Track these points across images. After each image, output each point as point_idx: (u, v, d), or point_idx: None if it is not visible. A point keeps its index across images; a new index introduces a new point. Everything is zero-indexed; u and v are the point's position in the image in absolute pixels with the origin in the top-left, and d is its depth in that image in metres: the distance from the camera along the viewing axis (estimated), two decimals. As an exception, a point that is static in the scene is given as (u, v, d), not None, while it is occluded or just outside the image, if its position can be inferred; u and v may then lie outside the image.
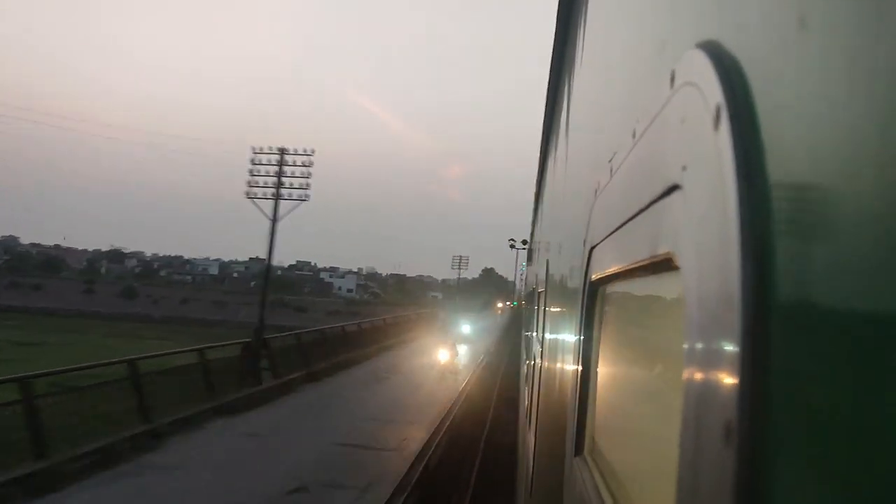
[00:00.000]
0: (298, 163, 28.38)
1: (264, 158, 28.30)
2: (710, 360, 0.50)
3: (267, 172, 27.99)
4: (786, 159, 0.44)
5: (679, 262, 0.61)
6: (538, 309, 5.29)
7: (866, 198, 0.34)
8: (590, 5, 2.32)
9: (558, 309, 2.75)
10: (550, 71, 4.67)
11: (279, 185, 27.48)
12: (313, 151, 28.47)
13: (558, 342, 2.53)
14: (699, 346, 0.53)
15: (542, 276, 4.66)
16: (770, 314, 0.43)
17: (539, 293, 5.19)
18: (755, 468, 0.42)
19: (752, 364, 0.43)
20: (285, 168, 28.11)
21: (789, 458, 0.40)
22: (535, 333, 5.71)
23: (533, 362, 5.45)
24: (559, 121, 4.30)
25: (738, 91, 0.51)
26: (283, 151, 28.15)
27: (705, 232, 0.54)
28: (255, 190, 27.75)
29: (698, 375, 0.53)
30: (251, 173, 27.76)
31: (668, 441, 0.61)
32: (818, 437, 0.37)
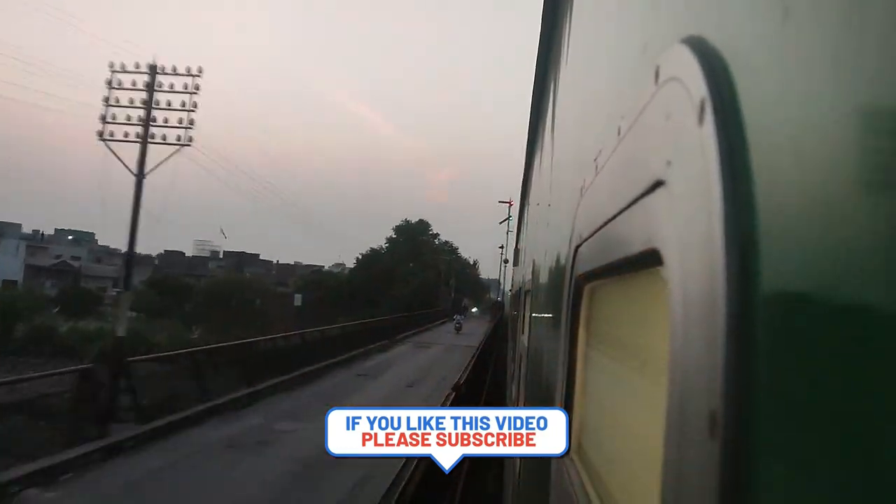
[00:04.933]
0: (178, 87, 17.71)
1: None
2: (695, 355, 0.50)
3: (131, 102, 17.28)
4: (770, 153, 0.44)
5: (664, 257, 0.61)
6: (524, 307, 5.31)
7: (851, 192, 0.34)
8: (575, 3, 2.32)
9: (544, 308, 2.76)
10: (536, 69, 4.67)
11: (148, 119, 17.25)
12: (200, 71, 18.06)
13: (544, 341, 2.53)
14: (684, 341, 0.53)
15: (529, 275, 4.67)
16: (754, 308, 0.43)
17: (526, 292, 5.21)
18: (740, 461, 0.42)
19: (737, 358, 0.43)
20: (160, 97, 17.50)
21: (774, 450, 0.40)
22: (521, 332, 5.72)
23: (519, 360, 5.46)
24: (545, 119, 4.31)
25: (722, 85, 0.51)
26: (155, 70, 17.78)
27: (690, 227, 0.54)
28: (113, 129, 16.89)
29: (683, 370, 0.53)
30: (107, 102, 17.51)
31: (655, 437, 0.61)
32: (803, 429, 0.37)
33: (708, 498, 0.44)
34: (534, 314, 3.74)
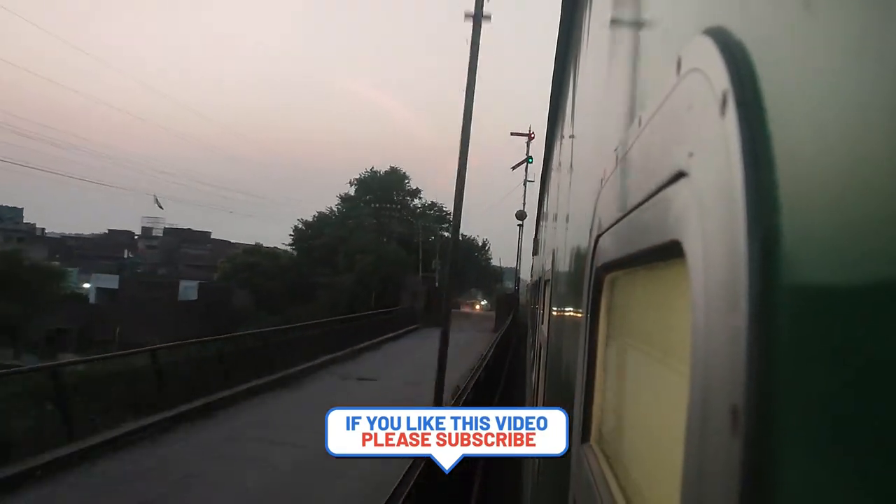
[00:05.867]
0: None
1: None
2: (717, 346, 0.50)
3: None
4: (793, 145, 0.44)
5: (685, 249, 0.61)
6: (544, 297, 5.30)
7: (874, 184, 0.34)
8: (595, -8, 2.30)
9: (564, 297, 2.75)
10: (556, 58, 4.64)
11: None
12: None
13: (564, 330, 2.53)
14: (705, 332, 0.53)
15: (549, 264, 4.66)
16: (777, 301, 0.43)
17: (546, 281, 5.20)
18: (762, 454, 0.42)
19: (759, 351, 0.43)
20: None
21: (796, 444, 0.40)
22: (540, 322, 5.72)
23: (539, 349, 5.46)
24: (564, 108, 4.28)
25: (744, 77, 0.50)
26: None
27: (712, 219, 0.54)
28: None
29: (705, 362, 0.53)
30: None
31: (675, 428, 0.61)
32: (827, 425, 0.37)
33: (729, 495, 0.44)
34: (553, 304, 3.73)
